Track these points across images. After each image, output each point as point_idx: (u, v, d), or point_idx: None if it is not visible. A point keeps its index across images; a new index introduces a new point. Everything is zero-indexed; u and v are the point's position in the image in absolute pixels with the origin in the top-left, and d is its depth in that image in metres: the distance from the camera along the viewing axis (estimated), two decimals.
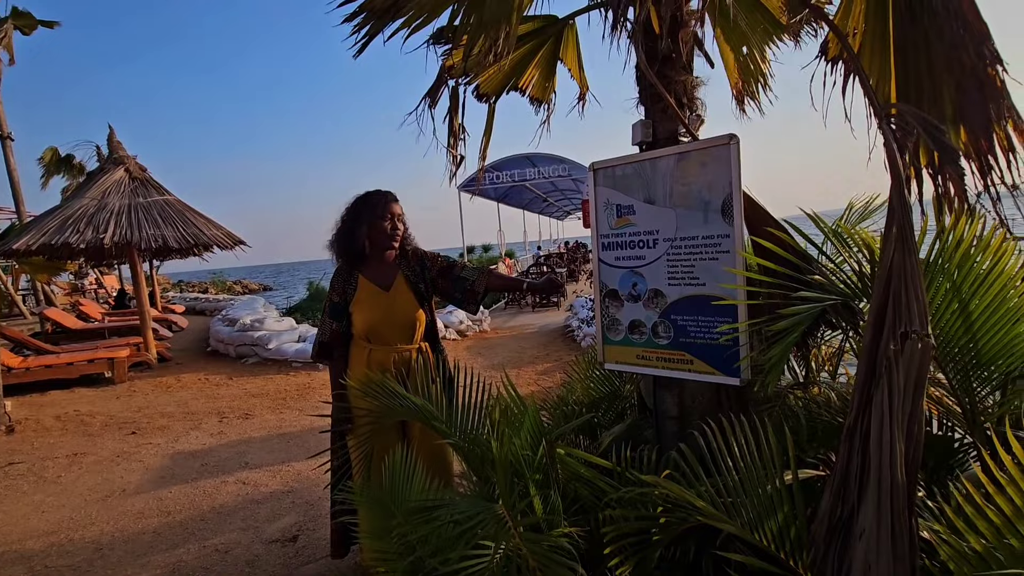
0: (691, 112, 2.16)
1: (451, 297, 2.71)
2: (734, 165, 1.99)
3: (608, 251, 2.46)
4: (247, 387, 7.11)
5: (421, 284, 2.64)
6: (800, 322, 1.61)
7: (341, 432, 2.47)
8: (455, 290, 2.69)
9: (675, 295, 2.24)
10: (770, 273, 1.94)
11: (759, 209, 2.08)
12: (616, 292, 2.44)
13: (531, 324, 10.38)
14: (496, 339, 9.18)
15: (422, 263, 2.70)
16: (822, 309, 1.66)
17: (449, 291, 2.70)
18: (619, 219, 2.39)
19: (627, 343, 2.44)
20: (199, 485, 4.17)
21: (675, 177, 2.17)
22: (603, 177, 2.43)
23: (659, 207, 2.24)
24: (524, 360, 7.23)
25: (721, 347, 2.13)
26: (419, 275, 2.66)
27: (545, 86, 3.16)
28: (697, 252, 2.15)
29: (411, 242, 2.74)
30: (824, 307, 1.63)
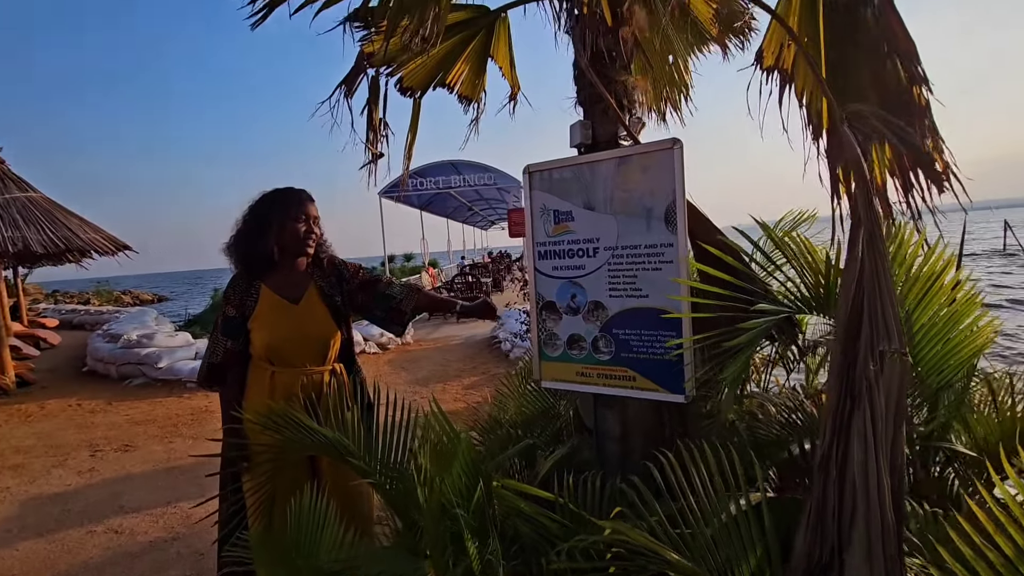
0: (631, 115, 2.04)
1: (371, 314, 2.40)
2: (677, 171, 1.89)
3: (545, 260, 2.28)
4: (130, 413, 6.22)
5: (337, 297, 2.31)
6: (756, 336, 1.50)
7: (235, 473, 2.08)
8: (377, 307, 2.38)
9: (617, 307, 2.11)
10: (717, 283, 1.85)
11: (701, 218, 2.00)
12: (554, 304, 2.27)
13: (456, 335, 10.09)
14: (420, 352, 8.80)
15: (339, 273, 2.38)
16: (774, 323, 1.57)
17: (369, 307, 2.38)
18: (556, 226, 2.23)
19: (566, 359, 2.27)
20: (58, 538, 3.46)
21: (616, 182, 2.04)
22: (539, 181, 2.26)
23: (599, 213, 2.10)
24: (450, 374, 6.94)
25: (666, 363, 2.02)
26: (335, 287, 2.33)
27: (475, 83, 2.96)
28: (640, 262, 2.02)
29: (327, 249, 2.42)
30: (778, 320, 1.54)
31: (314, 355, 2.22)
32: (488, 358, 7.77)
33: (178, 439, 5.26)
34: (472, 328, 10.83)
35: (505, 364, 7.21)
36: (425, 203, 15.46)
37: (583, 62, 1.87)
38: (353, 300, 2.36)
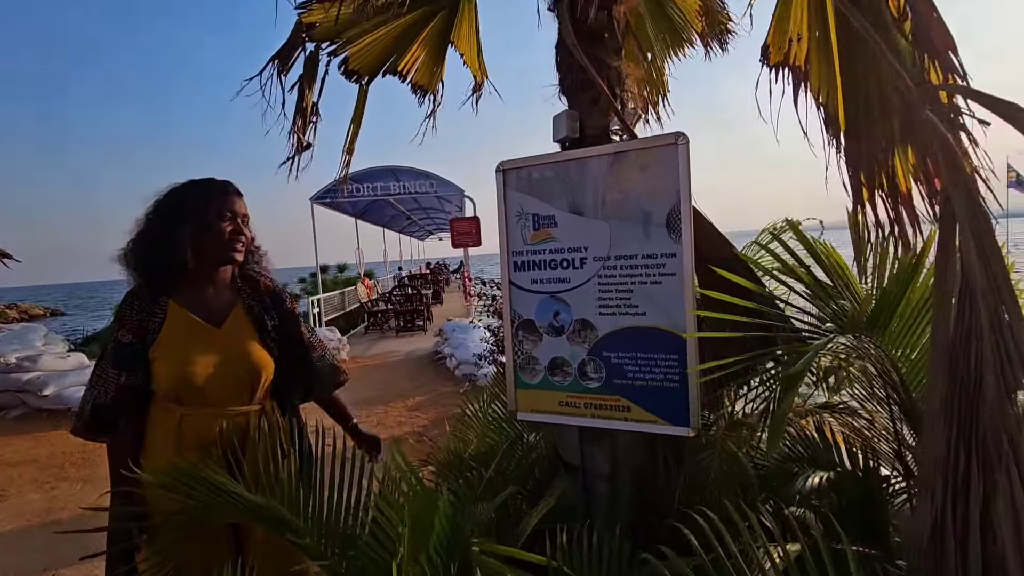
0: (624, 106, 1.78)
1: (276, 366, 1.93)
2: (682, 170, 1.65)
3: (522, 272, 1.97)
4: (3, 452, 5.22)
5: (268, 319, 1.87)
6: (809, 361, 1.26)
7: (129, 550, 1.59)
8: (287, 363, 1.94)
9: (608, 327, 1.82)
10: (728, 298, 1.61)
11: (705, 224, 1.76)
12: (532, 323, 1.96)
13: (396, 351, 9.53)
14: (357, 370, 8.18)
15: (276, 297, 1.94)
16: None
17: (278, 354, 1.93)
18: (536, 232, 1.92)
19: (547, 386, 1.96)
20: None
21: (608, 182, 1.77)
22: (515, 180, 1.95)
23: (588, 218, 1.82)
24: (392, 394, 6.43)
25: (666, 390, 1.75)
26: (267, 307, 1.89)
27: (432, 71, 2.61)
28: (636, 274, 1.76)
29: (260, 259, 1.96)
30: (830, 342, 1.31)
31: (238, 391, 1.77)
32: (433, 375, 7.32)
33: (63, 484, 4.42)
34: (412, 342, 10.30)
35: (452, 382, 6.79)
36: (361, 211, 14.71)
37: (570, 40, 1.59)
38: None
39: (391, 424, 5.26)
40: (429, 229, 26.77)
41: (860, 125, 1.58)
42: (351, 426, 2.04)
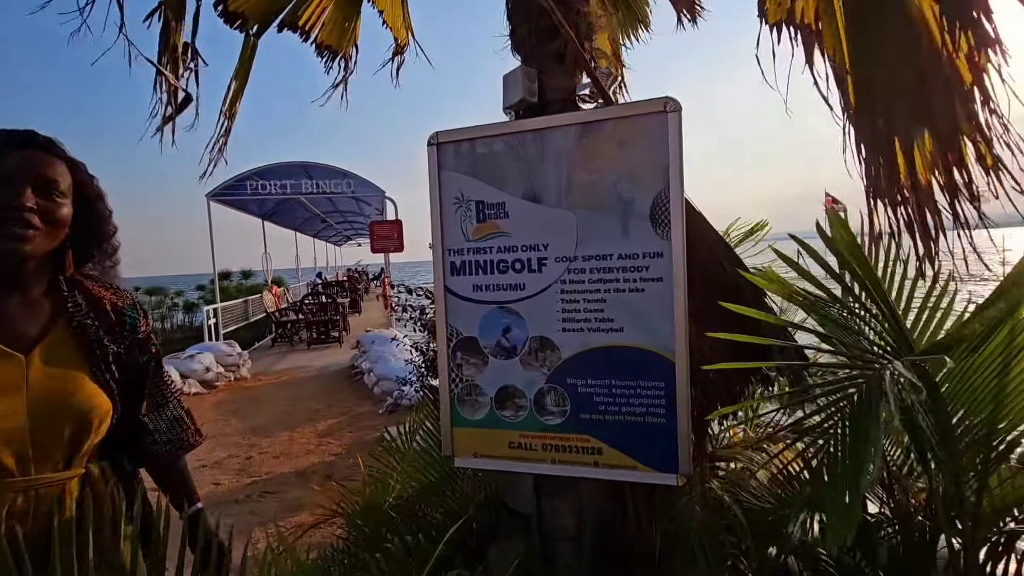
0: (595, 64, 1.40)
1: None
2: (673, 146, 1.29)
3: (461, 276, 1.52)
4: None
5: (113, 344, 1.24)
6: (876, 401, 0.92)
7: None
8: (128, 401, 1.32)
9: (574, 347, 1.43)
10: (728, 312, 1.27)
11: (697, 218, 1.42)
12: (475, 342, 1.52)
13: (307, 366, 8.61)
14: (260, 388, 7.23)
15: (124, 315, 1.30)
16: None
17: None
18: (481, 225, 1.49)
19: (493, 423, 1.52)
20: None
21: (577, 160, 1.38)
22: (453, 156, 1.50)
23: (549, 207, 1.41)
24: (300, 417, 5.65)
25: (648, 427, 1.38)
26: (109, 328, 1.25)
27: (343, 28, 2.10)
28: (612, 279, 1.37)
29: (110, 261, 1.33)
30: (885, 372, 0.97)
31: (50, 451, 1.15)
32: (348, 393, 6.59)
33: None
34: (326, 356, 9.40)
35: (370, 400, 6.12)
36: (268, 212, 13.39)
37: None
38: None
39: (297, 454, 4.54)
40: (347, 234, 25.28)
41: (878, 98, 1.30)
42: (191, 514, 1.38)
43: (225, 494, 3.75)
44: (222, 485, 3.93)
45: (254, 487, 3.85)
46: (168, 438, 1.33)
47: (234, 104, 1.85)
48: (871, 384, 0.97)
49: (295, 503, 3.52)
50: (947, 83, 1.30)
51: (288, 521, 3.28)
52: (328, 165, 9.87)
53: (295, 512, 3.40)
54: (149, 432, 1.30)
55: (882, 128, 1.34)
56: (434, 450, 2.24)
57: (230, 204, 10.57)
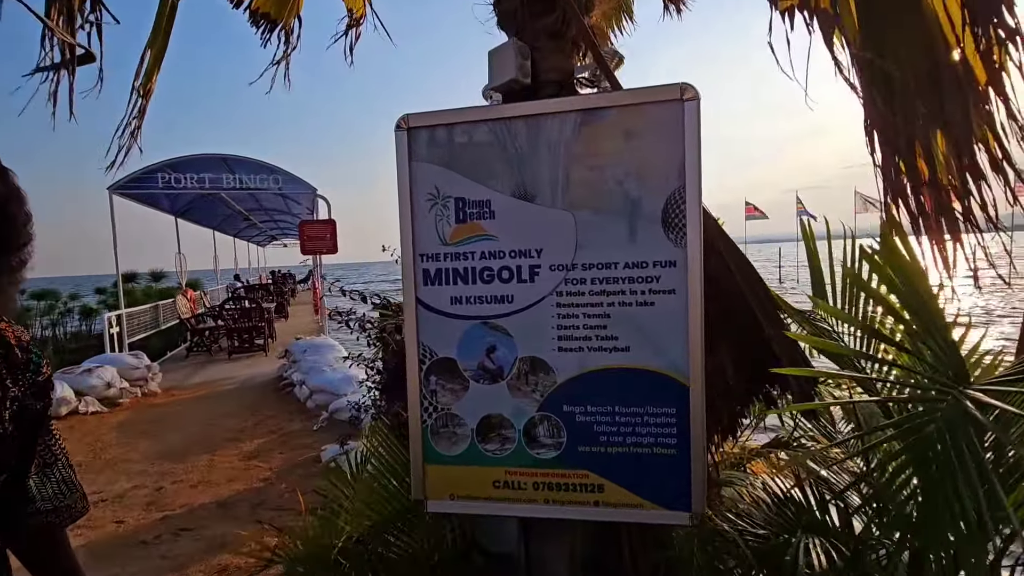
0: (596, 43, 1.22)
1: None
2: (690, 139, 1.13)
3: (436, 286, 1.29)
4: None
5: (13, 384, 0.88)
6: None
7: None
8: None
9: (571, 369, 1.23)
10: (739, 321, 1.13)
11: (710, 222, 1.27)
12: (453, 364, 1.29)
13: (228, 378, 7.85)
14: (172, 405, 6.47)
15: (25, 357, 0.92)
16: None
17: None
18: (461, 226, 1.26)
19: (475, 459, 1.30)
20: None
21: (576, 153, 1.19)
22: (427, 145, 1.27)
23: (542, 207, 1.21)
24: (220, 436, 5.05)
25: (657, 460, 1.21)
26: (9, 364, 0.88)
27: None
28: (616, 291, 1.19)
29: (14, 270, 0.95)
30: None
31: None
32: (276, 408, 6.02)
33: None
34: (250, 366, 8.65)
35: (303, 415, 5.61)
36: (183, 208, 12.20)
37: None
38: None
39: (218, 481, 4.02)
40: (272, 234, 23.75)
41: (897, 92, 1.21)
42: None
43: (129, 535, 3.22)
44: (126, 524, 3.38)
45: (166, 524, 3.34)
46: (53, 505, 0.99)
47: (150, 79, 1.50)
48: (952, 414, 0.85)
49: (217, 542, 3.07)
50: (959, 82, 1.23)
51: (208, 565, 2.85)
52: (253, 159, 9.09)
53: (217, 553, 2.96)
54: (29, 498, 0.96)
55: (901, 126, 1.25)
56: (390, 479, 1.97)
57: (138, 199, 9.51)
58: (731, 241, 1.31)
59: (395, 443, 2.02)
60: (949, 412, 0.86)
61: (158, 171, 8.52)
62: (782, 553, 1.49)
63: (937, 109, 1.24)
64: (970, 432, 0.84)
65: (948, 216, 1.24)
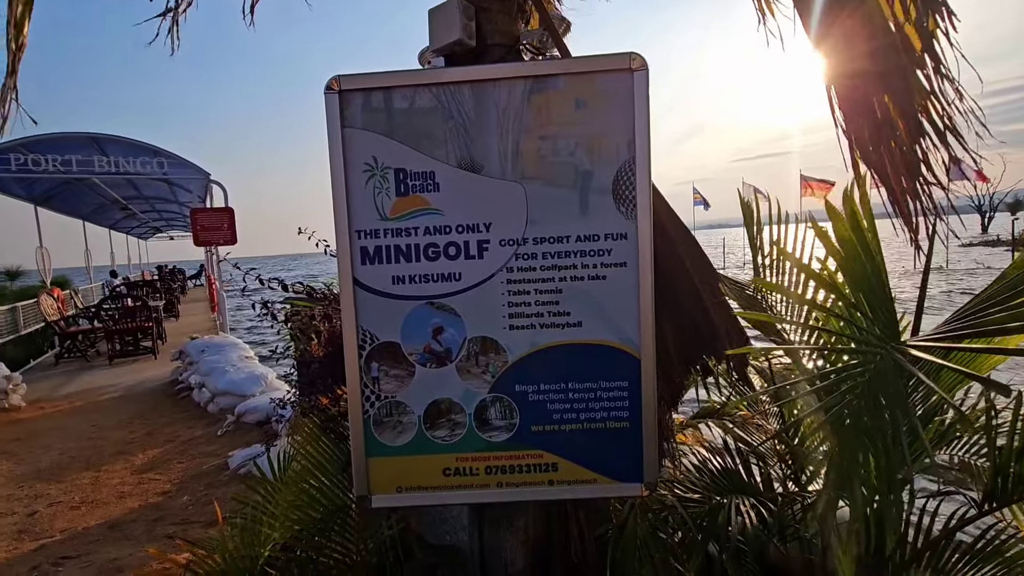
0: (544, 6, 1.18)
1: None
2: (640, 110, 1.13)
3: (374, 265, 1.19)
4: None
5: None
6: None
7: None
8: None
9: (523, 347, 1.20)
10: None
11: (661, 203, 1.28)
12: (396, 349, 1.20)
13: (110, 385, 6.94)
14: (41, 419, 5.59)
15: None
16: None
17: None
18: (403, 199, 1.17)
19: (421, 447, 1.22)
20: None
21: (525, 122, 1.14)
22: (362, 110, 1.16)
23: (491, 179, 1.16)
24: (107, 451, 4.43)
25: (610, 434, 1.21)
26: None
27: None
28: (568, 265, 1.17)
29: None
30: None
31: None
32: (172, 415, 5.42)
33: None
34: (136, 371, 7.73)
35: (204, 421, 5.10)
36: (43, 194, 10.50)
37: None
38: None
39: (106, 500, 3.54)
40: (155, 225, 21.32)
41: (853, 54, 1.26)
42: None
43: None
44: None
45: (44, 553, 2.89)
46: None
47: (20, 30, 1.24)
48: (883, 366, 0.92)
49: (110, 567, 2.70)
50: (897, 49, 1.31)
51: None
52: (129, 139, 8.02)
53: None
54: None
55: (860, 89, 1.29)
56: (319, 477, 1.83)
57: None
58: (674, 213, 1.33)
59: (324, 439, 1.88)
60: (881, 365, 0.93)
61: (10, 151, 7.29)
62: (716, 515, 1.58)
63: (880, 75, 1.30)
64: (899, 382, 0.91)
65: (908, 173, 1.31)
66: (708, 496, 1.60)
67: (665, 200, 1.30)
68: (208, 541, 1.82)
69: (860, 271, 0.99)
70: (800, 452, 1.86)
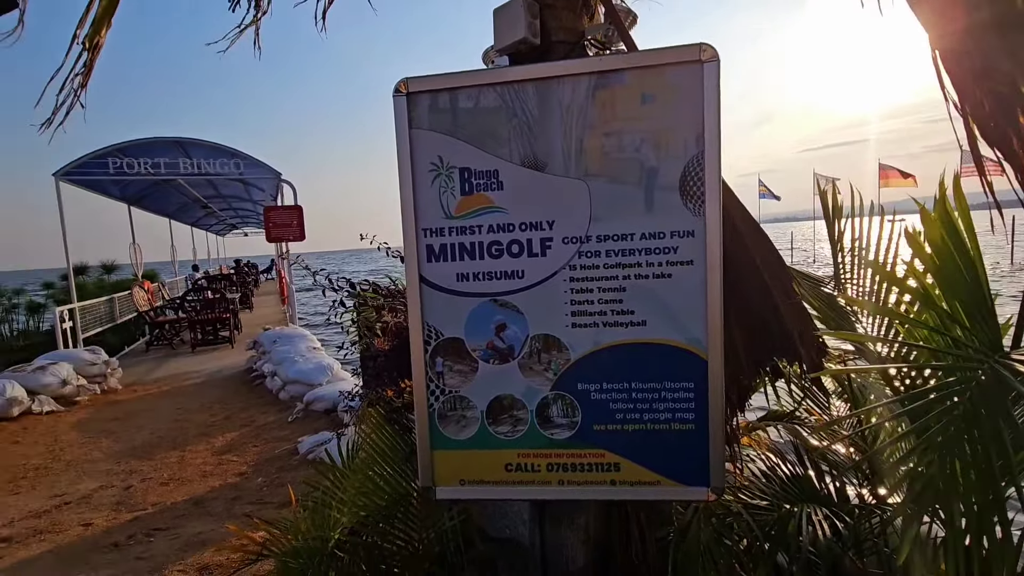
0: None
1: None
2: (709, 102, 1.09)
3: (440, 263, 1.22)
4: None
5: None
6: None
7: None
8: None
9: (586, 346, 1.19)
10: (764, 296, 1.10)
11: (730, 197, 1.23)
12: (460, 344, 1.23)
13: (193, 372, 7.53)
14: (134, 401, 6.16)
15: None
16: None
17: None
18: (467, 198, 1.19)
19: (485, 443, 1.25)
20: None
21: (590, 119, 1.13)
22: (428, 111, 1.19)
23: (554, 176, 1.16)
24: (191, 432, 4.84)
25: (675, 436, 1.18)
26: None
27: None
28: (633, 263, 1.15)
29: None
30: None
31: None
32: (248, 401, 5.81)
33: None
34: (216, 359, 8.33)
35: (276, 407, 5.44)
36: (136, 196, 11.53)
37: None
38: None
39: (191, 478, 3.85)
40: (231, 222, 22.84)
41: None
42: None
43: (100, 537, 3.05)
44: (94, 526, 3.20)
45: (138, 524, 3.18)
46: None
47: (98, 31, 1.35)
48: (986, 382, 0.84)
49: (195, 540, 2.93)
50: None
51: (187, 564, 2.72)
52: (209, 142, 8.64)
53: (196, 551, 2.83)
54: None
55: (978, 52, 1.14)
56: (384, 467, 1.90)
57: (87, 186, 8.94)
58: (743, 207, 1.28)
59: (388, 429, 1.96)
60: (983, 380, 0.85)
61: (108, 156, 8.02)
62: (786, 524, 1.51)
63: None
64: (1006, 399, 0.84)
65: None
66: (777, 504, 1.54)
67: (734, 194, 1.25)
68: (282, 522, 1.94)
69: (957, 278, 0.91)
70: (879, 462, 1.75)
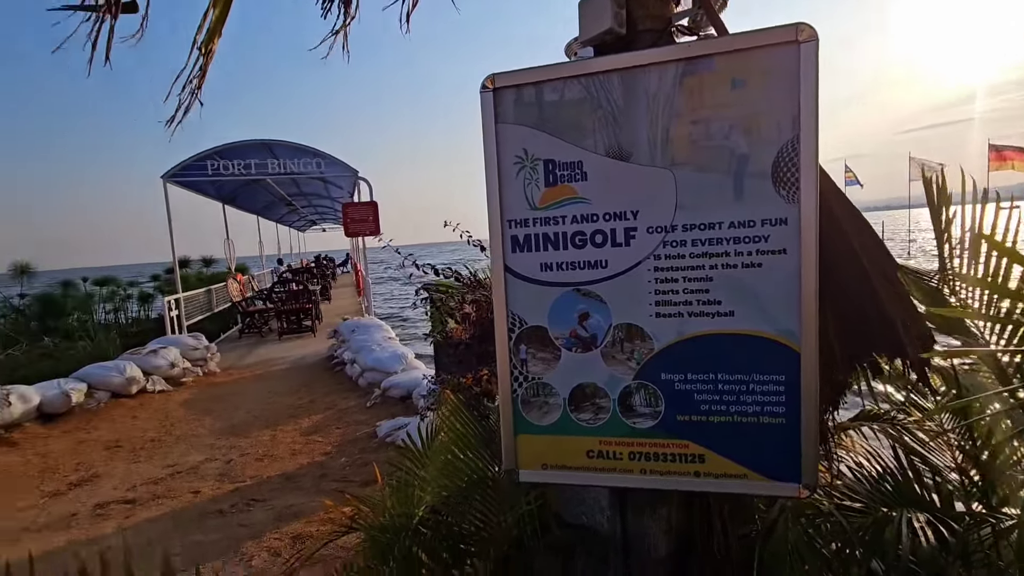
0: None
1: None
2: (806, 86, 1.04)
3: (525, 253, 1.25)
4: None
5: None
6: None
7: None
8: None
9: (670, 335, 1.19)
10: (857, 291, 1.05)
11: (826, 181, 1.18)
12: (544, 333, 1.26)
13: (280, 358, 8.13)
14: (231, 384, 6.75)
15: None
16: None
17: None
18: (551, 189, 1.22)
19: (568, 429, 1.27)
20: None
21: (676, 108, 1.12)
22: (514, 105, 1.22)
23: (639, 166, 1.16)
24: (279, 413, 5.25)
25: (764, 429, 1.16)
26: None
27: None
28: (720, 253, 1.13)
29: None
30: None
31: None
32: (330, 386, 6.20)
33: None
34: (300, 346, 8.93)
35: (355, 393, 5.77)
36: (229, 194, 12.56)
37: None
38: None
39: (282, 455, 4.18)
40: (311, 219, 24.27)
41: None
42: None
43: (207, 504, 3.39)
44: (202, 494, 3.56)
45: (239, 495, 3.51)
46: None
47: (212, 39, 1.49)
48: None
49: (288, 512, 3.20)
50: None
51: (282, 533, 2.97)
52: (292, 143, 9.22)
53: (288, 522, 3.08)
54: None
55: None
56: (464, 450, 1.98)
57: (188, 186, 9.84)
58: (839, 191, 1.22)
59: (467, 414, 2.03)
60: None
61: (208, 158, 8.78)
62: (882, 528, 1.43)
63: None
64: None
65: None
66: (872, 507, 1.46)
67: (830, 177, 1.20)
68: (369, 499, 2.08)
69: None
70: (991, 467, 1.61)
